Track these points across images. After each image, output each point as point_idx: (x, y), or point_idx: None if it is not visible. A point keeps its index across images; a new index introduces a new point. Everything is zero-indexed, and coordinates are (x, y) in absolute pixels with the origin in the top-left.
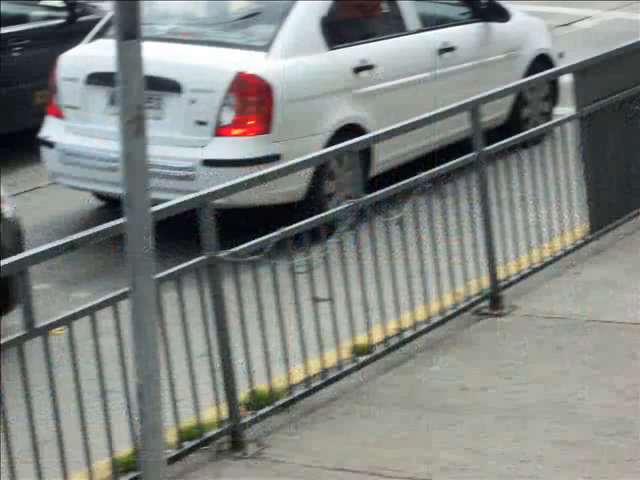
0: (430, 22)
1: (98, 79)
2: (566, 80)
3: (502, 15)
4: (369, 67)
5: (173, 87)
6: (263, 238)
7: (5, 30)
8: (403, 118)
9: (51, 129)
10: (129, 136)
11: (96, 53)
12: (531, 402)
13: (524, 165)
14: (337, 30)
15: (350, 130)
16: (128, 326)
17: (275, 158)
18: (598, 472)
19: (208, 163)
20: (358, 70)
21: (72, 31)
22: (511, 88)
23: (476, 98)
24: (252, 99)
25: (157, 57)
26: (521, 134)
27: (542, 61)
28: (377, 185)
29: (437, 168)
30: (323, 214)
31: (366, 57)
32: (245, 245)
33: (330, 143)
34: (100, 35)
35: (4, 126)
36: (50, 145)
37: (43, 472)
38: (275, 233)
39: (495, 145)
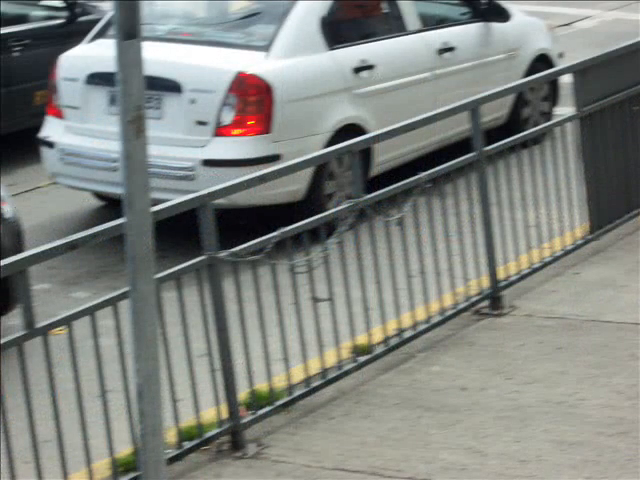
0: (430, 22)
1: (98, 79)
2: (566, 80)
3: (502, 15)
4: (369, 67)
5: (173, 87)
6: (263, 238)
7: (5, 30)
8: (403, 118)
9: (51, 129)
10: (129, 136)
11: (96, 53)
12: (531, 402)
13: (524, 165)
14: (337, 30)
15: (350, 130)
16: (128, 326)
17: (275, 158)
18: (598, 472)
19: (208, 163)
20: (358, 70)
21: (72, 31)
22: (511, 88)
23: (476, 98)
24: (252, 99)
25: (157, 57)
26: (521, 134)
27: (542, 61)
28: (377, 185)
29: (437, 168)
30: (323, 214)
31: (366, 57)
32: (245, 245)
33: (330, 143)
34: (100, 35)
35: (4, 126)
36: (50, 145)
37: (43, 472)
38: (275, 233)
39: (495, 145)
